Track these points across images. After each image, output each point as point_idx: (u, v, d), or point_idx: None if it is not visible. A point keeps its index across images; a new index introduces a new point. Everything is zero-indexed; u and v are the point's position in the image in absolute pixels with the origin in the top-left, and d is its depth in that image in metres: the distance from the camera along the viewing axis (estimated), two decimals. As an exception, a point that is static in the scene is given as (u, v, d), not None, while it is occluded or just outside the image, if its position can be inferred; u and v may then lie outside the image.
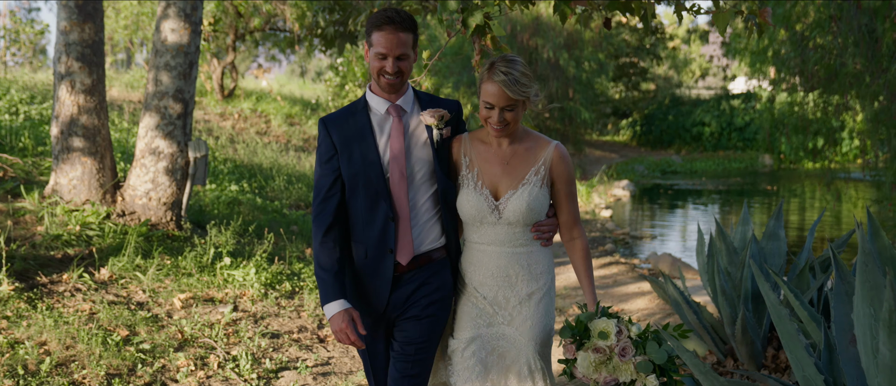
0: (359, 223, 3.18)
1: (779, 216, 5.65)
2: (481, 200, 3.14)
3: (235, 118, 17.15)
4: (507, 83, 3.01)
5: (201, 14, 8.10)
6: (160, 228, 7.75)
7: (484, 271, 3.19)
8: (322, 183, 3.18)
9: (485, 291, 3.19)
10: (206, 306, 6.45)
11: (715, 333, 5.56)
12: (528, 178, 3.14)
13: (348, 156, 3.16)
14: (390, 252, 3.14)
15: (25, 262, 6.49)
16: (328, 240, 3.14)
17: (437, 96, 3.35)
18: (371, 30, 3.11)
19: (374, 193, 3.14)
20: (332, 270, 3.12)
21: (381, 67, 3.12)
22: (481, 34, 4.39)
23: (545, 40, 23.00)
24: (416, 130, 3.22)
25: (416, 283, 3.20)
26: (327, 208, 3.15)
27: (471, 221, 3.19)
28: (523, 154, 3.18)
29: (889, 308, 2.33)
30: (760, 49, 14.35)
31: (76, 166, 7.77)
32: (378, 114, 3.21)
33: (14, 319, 5.54)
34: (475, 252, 3.22)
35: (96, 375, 4.99)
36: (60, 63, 7.82)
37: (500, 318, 3.18)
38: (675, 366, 2.85)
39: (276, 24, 19.70)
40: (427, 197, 3.20)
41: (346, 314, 3.07)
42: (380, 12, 3.10)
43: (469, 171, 3.20)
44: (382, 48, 3.08)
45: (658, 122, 35.85)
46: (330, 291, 3.11)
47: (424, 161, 3.20)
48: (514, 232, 3.15)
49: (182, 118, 7.92)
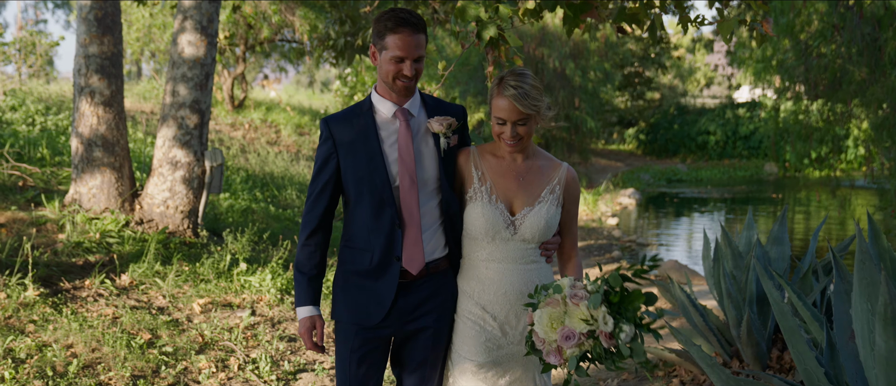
0: (364, 230, 3.08)
1: (783, 221, 5.80)
2: (497, 214, 3.05)
3: (246, 128, 17.37)
4: (518, 97, 2.96)
5: (217, 26, 8.31)
6: (177, 236, 7.93)
7: (495, 290, 3.09)
8: (316, 184, 3.11)
9: (495, 311, 3.08)
10: (225, 311, 6.62)
11: (721, 334, 5.71)
12: (545, 196, 3.08)
13: (352, 159, 3.06)
14: (397, 260, 3.05)
15: (49, 268, 6.67)
16: (310, 243, 3.11)
17: (443, 100, 3.24)
18: (384, 32, 2.97)
19: (379, 199, 3.03)
20: (308, 274, 3.12)
21: (398, 71, 2.98)
22: (495, 46, 4.56)
23: (551, 50, 23.21)
24: (424, 136, 3.13)
25: (426, 291, 3.11)
26: (316, 210, 3.10)
27: (482, 235, 3.08)
28: (538, 170, 3.13)
29: (884, 302, 2.49)
30: (765, 58, 14.51)
31: (96, 176, 7.97)
32: (384, 117, 3.09)
33: (40, 322, 5.72)
34: (482, 270, 3.11)
35: (122, 376, 5.16)
36: (80, 76, 8.02)
37: (511, 337, 3.09)
38: (635, 309, 2.71)
39: (284, 35, 19.96)
40: (435, 205, 3.11)
41: (310, 321, 3.12)
42: (390, 13, 2.97)
43: (481, 184, 3.10)
44: (400, 51, 2.94)
45: (663, 131, 36.02)
46: (303, 294, 3.13)
47: (432, 168, 3.10)
48: (527, 248, 3.08)
49: (198, 128, 8.12)
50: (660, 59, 36.94)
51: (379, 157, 3.04)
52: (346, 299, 3.14)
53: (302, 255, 3.13)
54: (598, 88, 27.48)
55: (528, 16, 5.55)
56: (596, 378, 5.72)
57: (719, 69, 41.66)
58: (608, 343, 2.72)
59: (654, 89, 39.74)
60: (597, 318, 2.72)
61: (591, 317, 2.73)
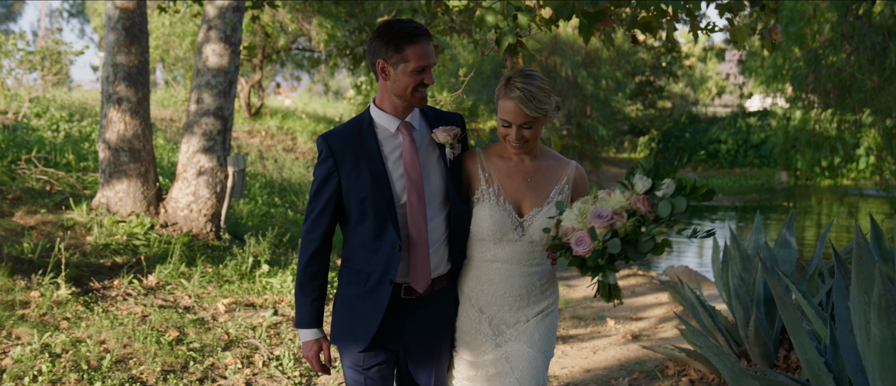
0: (363, 251, 2.99)
1: (790, 225, 5.98)
2: (505, 216, 2.98)
3: (263, 135, 17.65)
4: (523, 100, 2.87)
5: (240, 36, 8.56)
6: (201, 239, 8.17)
7: (493, 290, 3.04)
8: (315, 204, 2.99)
9: (493, 312, 3.05)
10: (248, 311, 6.85)
11: (729, 335, 5.89)
12: (553, 197, 3.01)
13: (356, 178, 2.94)
14: (390, 283, 2.95)
15: (78, 268, 6.91)
16: (313, 264, 3.02)
17: (440, 110, 3.16)
18: (402, 44, 2.87)
19: (382, 219, 2.93)
20: (310, 296, 3.05)
21: (419, 82, 2.90)
22: (513, 53, 4.77)
23: (564, 59, 23.43)
24: (429, 150, 3.03)
25: (427, 311, 3.07)
26: (316, 230, 2.99)
27: (489, 237, 3.01)
28: (546, 171, 3.05)
29: (878, 293, 2.68)
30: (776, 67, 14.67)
31: (122, 181, 8.22)
32: (386, 132, 2.99)
33: (73, 319, 5.96)
34: (483, 270, 3.05)
35: (152, 371, 5.39)
36: (109, 84, 8.28)
37: (508, 336, 3.05)
38: (673, 171, 2.65)
39: (300, 43, 20.26)
40: (440, 220, 3.02)
41: (316, 344, 3.08)
42: (395, 25, 2.90)
43: (489, 186, 3.03)
44: (423, 61, 2.88)
45: (675, 139, 36.15)
46: (307, 316, 3.06)
47: (439, 182, 3.01)
48: (534, 250, 3.01)
49: (222, 134, 8.36)
50: (670, 68, 37.11)
51: (384, 176, 2.93)
52: (347, 323, 3.06)
53: (304, 276, 3.04)
54: (610, 97, 27.67)
55: (544, 24, 5.76)
56: (607, 377, 5.90)
57: (731, 78, 41.77)
58: (647, 208, 2.63)
59: (665, 98, 39.88)
60: (634, 183, 2.65)
61: (630, 184, 2.66)
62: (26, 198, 8.46)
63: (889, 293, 2.65)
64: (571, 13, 5.32)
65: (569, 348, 6.79)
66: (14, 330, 5.61)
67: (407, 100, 2.94)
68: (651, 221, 2.66)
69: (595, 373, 6.04)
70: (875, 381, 2.84)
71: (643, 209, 2.66)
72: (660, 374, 5.81)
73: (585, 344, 6.92)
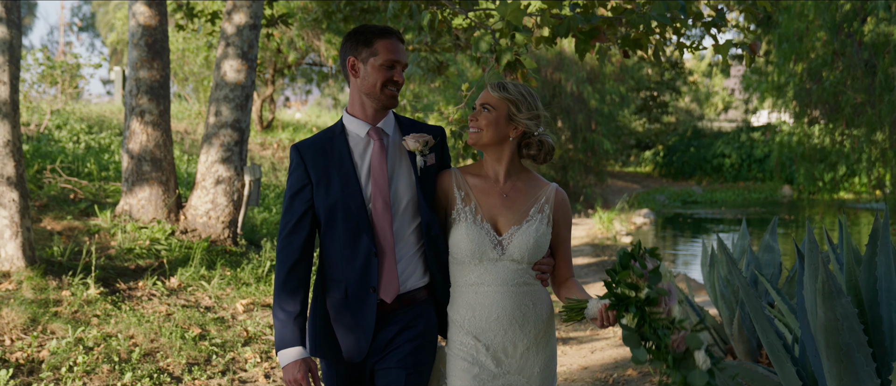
0: (337, 260, 2.90)
1: (773, 231, 6.40)
2: (483, 235, 2.88)
3: (275, 148, 18.13)
4: (494, 85, 2.92)
5: (256, 52, 9.03)
6: (219, 244, 8.61)
7: (486, 315, 2.89)
8: (289, 216, 2.90)
9: (488, 339, 2.89)
10: (265, 311, 7.27)
11: (716, 333, 6.29)
12: (532, 215, 2.93)
13: (326, 185, 2.87)
14: (373, 291, 2.85)
15: (104, 270, 7.35)
16: (292, 278, 2.89)
17: (420, 122, 3.08)
18: (372, 39, 2.88)
19: (354, 225, 2.86)
20: (292, 313, 2.88)
21: (388, 78, 2.87)
22: (512, 69, 5.20)
23: (568, 74, 23.90)
24: (399, 156, 2.95)
25: (399, 325, 2.90)
26: (294, 243, 2.89)
27: (469, 258, 2.90)
28: (523, 188, 2.98)
29: (822, 280, 3.09)
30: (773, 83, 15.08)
31: (144, 189, 8.68)
32: (357, 138, 2.93)
33: (103, 316, 6.40)
34: (472, 295, 2.91)
35: (178, 363, 5.82)
36: (132, 97, 8.76)
37: (506, 367, 2.90)
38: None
39: (309, 59, 20.79)
40: (411, 230, 2.92)
41: (303, 364, 2.86)
42: (365, 26, 2.93)
43: (465, 204, 2.93)
44: (392, 55, 2.86)
45: (680, 153, 36.57)
46: (288, 336, 2.87)
47: (408, 190, 2.92)
48: (519, 269, 2.90)
49: (239, 145, 8.82)
50: (674, 83, 37.57)
51: (354, 182, 2.87)
52: (324, 334, 2.94)
53: (283, 292, 2.89)
54: (615, 112, 28.14)
55: (544, 43, 6.19)
56: (604, 374, 6.29)
57: (736, 93, 42.21)
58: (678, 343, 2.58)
59: (670, 113, 40.33)
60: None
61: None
62: (53, 205, 8.92)
63: (832, 280, 3.06)
64: (568, 31, 5.74)
65: (568, 348, 7.18)
66: (49, 325, 6.05)
67: (376, 97, 2.89)
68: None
69: (592, 370, 6.43)
70: (823, 358, 3.25)
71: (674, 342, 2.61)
72: (653, 370, 6.20)
73: (584, 345, 7.32)
